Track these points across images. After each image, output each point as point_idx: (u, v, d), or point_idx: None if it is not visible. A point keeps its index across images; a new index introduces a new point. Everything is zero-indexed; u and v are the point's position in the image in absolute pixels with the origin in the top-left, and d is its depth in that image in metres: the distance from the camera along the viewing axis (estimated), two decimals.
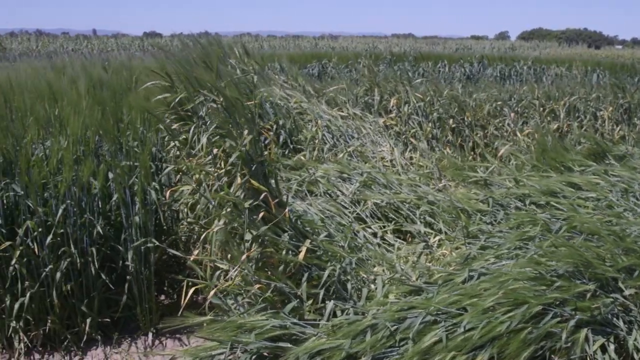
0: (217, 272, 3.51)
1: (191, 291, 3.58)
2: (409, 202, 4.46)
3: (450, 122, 6.75)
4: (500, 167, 5.27)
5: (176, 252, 4.17)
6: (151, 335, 4.15)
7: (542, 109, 7.39)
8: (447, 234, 4.10)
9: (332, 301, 3.09)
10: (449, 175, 5.30)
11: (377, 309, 2.95)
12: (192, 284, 3.65)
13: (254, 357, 2.88)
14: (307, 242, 3.32)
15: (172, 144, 4.86)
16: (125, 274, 4.10)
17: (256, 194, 3.36)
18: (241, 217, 3.38)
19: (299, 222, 3.64)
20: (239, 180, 3.43)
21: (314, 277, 3.27)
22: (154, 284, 4.20)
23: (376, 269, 3.54)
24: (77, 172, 3.95)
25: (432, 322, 2.75)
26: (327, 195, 4.50)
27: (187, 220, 4.42)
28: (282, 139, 5.52)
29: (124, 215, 4.04)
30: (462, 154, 6.36)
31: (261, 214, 3.32)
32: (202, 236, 3.76)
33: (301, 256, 3.21)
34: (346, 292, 3.24)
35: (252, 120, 3.61)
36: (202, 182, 4.21)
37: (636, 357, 2.65)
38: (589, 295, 2.78)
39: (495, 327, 2.61)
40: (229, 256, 3.50)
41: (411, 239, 4.19)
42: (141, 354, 4.00)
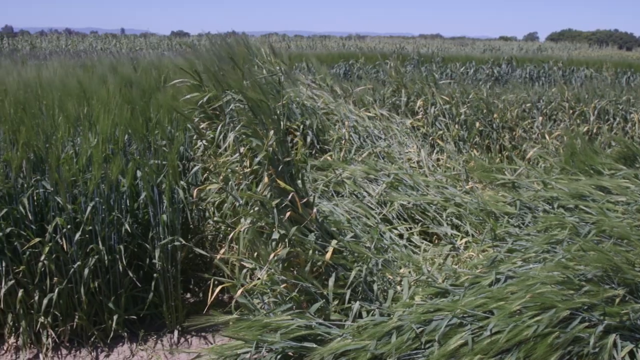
0: (244, 271, 3.52)
1: (217, 290, 3.60)
2: (435, 203, 4.43)
3: (477, 124, 6.70)
4: (528, 169, 5.21)
5: (202, 251, 4.19)
6: (177, 332, 4.18)
7: (571, 111, 7.31)
8: (474, 236, 4.07)
9: (357, 302, 3.08)
10: (476, 177, 5.26)
11: (403, 310, 2.93)
12: (219, 282, 3.67)
13: (279, 356, 2.89)
14: (334, 242, 3.32)
15: (199, 142, 4.88)
16: (152, 271, 4.14)
17: (283, 193, 3.36)
18: (268, 217, 3.39)
19: (326, 223, 3.64)
20: (266, 179, 3.44)
21: (340, 278, 3.26)
22: (180, 282, 4.23)
23: (402, 271, 3.53)
24: (106, 170, 3.99)
25: (458, 324, 2.73)
26: (354, 195, 4.49)
27: (214, 219, 4.44)
28: (309, 139, 5.52)
29: (152, 213, 4.07)
30: (490, 156, 6.31)
31: (288, 213, 3.32)
32: (230, 235, 3.77)
33: (328, 256, 3.21)
34: (372, 293, 3.23)
35: (278, 120, 3.61)
36: (229, 181, 4.23)
37: None
38: (617, 300, 2.74)
39: (522, 331, 2.58)
40: (255, 255, 3.51)
41: (438, 241, 4.17)
42: (167, 351, 4.03)
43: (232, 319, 3.11)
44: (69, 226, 3.89)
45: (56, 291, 3.91)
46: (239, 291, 3.31)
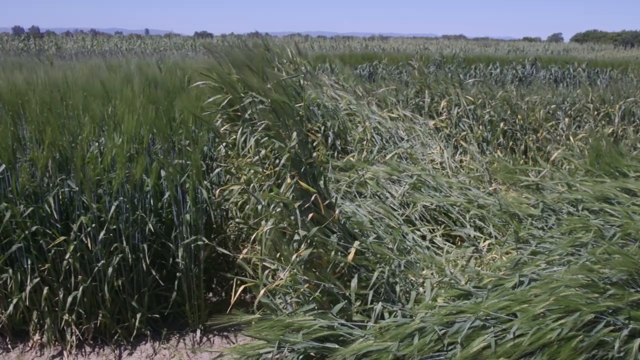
0: (266, 272, 3.53)
1: (240, 289, 3.61)
2: (458, 205, 4.42)
3: (501, 125, 6.66)
4: (552, 171, 5.17)
5: (225, 251, 4.21)
6: (199, 332, 4.21)
7: (596, 112, 7.24)
8: (497, 238, 4.05)
9: (380, 303, 3.07)
10: (500, 178, 5.23)
11: (426, 312, 2.93)
12: (241, 282, 3.68)
13: (301, 356, 2.89)
14: (356, 243, 3.32)
15: (223, 143, 4.90)
16: (175, 271, 4.16)
17: (305, 195, 3.37)
18: (291, 218, 3.39)
19: (348, 224, 3.63)
20: (289, 180, 3.44)
21: (363, 279, 3.26)
22: (203, 281, 4.25)
23: (425, 272, 3.52)
24: (130, 169, 4.02)
25: (481, 327, 2.72)
26: (376, 197, 4.48)
27: (236, 219, 4.45)
28: (330, 140, 5.52)
29: (175, 212, 4.09)
30: (514, 157, 6.28)
31: (310, 215, 3.32)
32: (252, 236, 3.78)
33: (350, 257, 3.21)
34: (394, 295, 3.23)
35: (301, 122, 3.61)
36: (252, 182, 4.24)
37: None
38: None
39: (545, 334, 2.57)
40: (278, 255, 3.52)
41: (460, 243, 4.15)
42: (189, 350, 4.05)
43: (254, 319, 3.12)
44: (93, 225, 3.92)
45: (80, 289, 3.95)
46: (262, 291, 3.32)
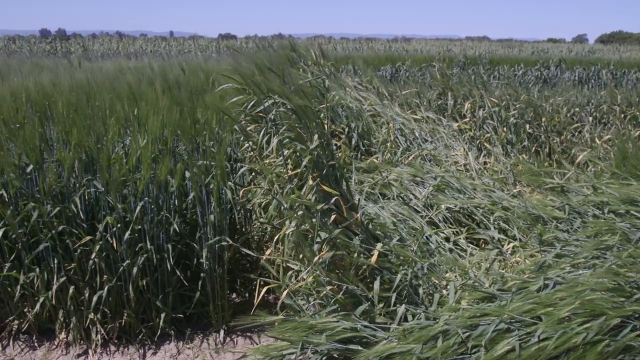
0: (289, 273, 3.54)
1: (264, 290, 3.62)
2: (482, 207, 4.39)
3: (526, 127, 6.62)
4: (577, 173, 5.13)
5: (249, 251, 4.22)
6: (222, 332, 4.23)
7: (622, 115, 7.17)
8: (521, 240, 4.02)
9: (403, 305, 3.07)
10: (524, 180, 5.20)
11: (449, 314, 2.91)
12: (264, 283, 3.69)
13: (324, 358, 2.89)
14: (379, 245, 3.31)
15: (246, 144, 4.92)
16: (199, 271, 4.18)
17: (327, 196, 3.37)
18: (313, 220, 3.40)
19: (371, 225, 3.63)
20: (311, 182, 3.45)
21: (386, 281, 3.25)
22: (227, 282, 4.27)
23: (448, 275, 3.51)
24: (155, 170, 4.05)
25: (505, 330, 2.70)
26: (400, 198, 4.47)
27: (260, 220, 4.47)
28: (354, 142, 5.52)
29: (200, 213, 4.12)
30: (538, 159, 6.23)
31: (333, 217, 3.33)
32: (275, 237, 3.79)
33: (373, 259, 3.21)
34: (418, 297, 3.22)
35: (322, 124, 3.62)
36: (274, 184, 4.26)
37: None
38: None
39: (570, 338, 2.54)
40: (300, 257, 3.52)
41: (484, 245, 4.13)
42: (212, 350, 4.07)
43: (277, 320, 3.12)
44: (118, 225, 3.96)
45: (106, 288, 3.99)
46: (285, 292, 3.33)
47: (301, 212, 3.52)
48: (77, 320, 4.07)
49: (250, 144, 4.83)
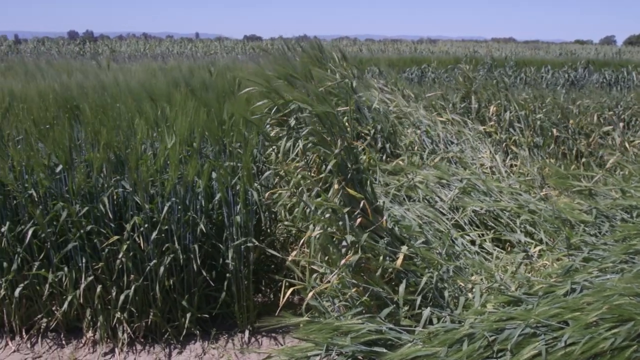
0: (315, 274, 3.55)
1: (289, 292, 3.63)
2: (509, 210, 4.37)
3: (553, 130, 6.57)
4: (605, 177, 5.08)
5: (275, 253, 4.24)
6: (247, 332, 4.24)
7: None
8: (548, 244, 4.00)
9: (428, 308, 3.06)
10: (551, 184, 5.16)
11: (475, 318, 2.90)
12: (289, 284, 3.70)
13: None
14: (405, 248, 3.31)
15: (269, 147, 4.94)
16: (224, 271, 4.20)
17: (353, 200, 3.38)
18: (339, 223, 3.40)
19: (396, 228, 3.63)
20: (336, 186, 3.45)
21: (411, 284, 3.25)
22: (252, 282, 4.28)
23: (474, 278, 3.49)
24: (183, 171, 4.08)
25: (531, 334, 2.68)
26: (426, 201, 4.47)
27: (285, 222, 4.48)
28: (380, 144, 5.52)
29: (226, 214, 4.14)
30: (565, 162, 6.18)
31: (359, 220, 3.33)
32: (302, 239, 3.80)
33: (399, 262, 3.21)
34: (443, 300, 3.21)
35: (345, 129, 3.63)
36: (300, 187, 4.27)
37: None
38: None
39: (598, 344, 2.52)
40: (326, 259, 3.53)
41: (510, 249, 4.11)
42: (237, 350, 4.09)
43: (302, 321, 3.13)
44: (146, 225, 3.99)
45: (132, 288, 4.02)
46: (310, 293, 3.33)
47: (327, 215, 3.53)
48: (104, 319, 4.11)
49: (274, 148, 4.84)
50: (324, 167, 3.81)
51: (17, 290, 4.08)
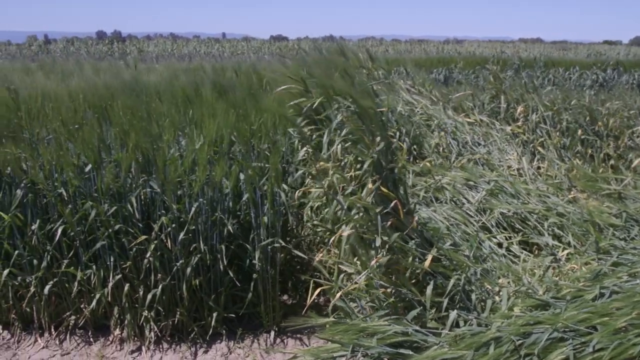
0: (341, 275, 3.55)
1: (316, 292, 3.64)
2: (536, 212, 4.34)
3: (579, 132, 6.50)
4: (635, 180, 5.02)
5: (301, 254, 4.25)
6: (273, 333, 4.26)
7: None
8: (576, 248, 3.96)
9: (455, 311, 3.06)
10: (580, 186, 5.11)
11: (502, 321, 2.89)
12: (316, 284, 3.71)
13: None
14: (434, 250, 3.31)
15: (302, 147, 4.93)
16: (251, 272, 4.22)
17: (385, 200, 3.37)
18: (371, 223, 3.40)
19: (425, 229, 3.62)
20: (371, 185, 3.45)
21: (438, 286, 3.25)
22: (278, 283, 4.30)
23: (501, 281, 3.47)
24: (210, 172, 4.10)
25: (559, 339, 2.67)
26: (453, 202, 4.45)
27: (313, 222, 4.48)
28: (406, 145, 5.51)
29: (254, 215, 4.15)
30: (593, 165, 6.12)
31: (391, 220, 3.33)
32: (331, 239, 3.78)
33: (427, 264, 3.20)
34: (470, 303, 3.20)
35: (384, 127, 3.62)
36: (334, 186, 4.26)
37: None
38: None
39: (627, 349, 2.49)
40: (355, 259, 3.53)
41: (538, 252, 4.07)
42: (263, 350, 4.10)
43: (328, 322, 3.13)
44: (173, 225, 4.02)
45: (160, 287, 4.06)
46: (338, 294, 3.34)
47: (359, 214, 3.52)
48: (131, 317, 4.15)
49: (307, 148, 4.84)
50: (359, 165, 3.80)
51: (47, 287, 4.13)
